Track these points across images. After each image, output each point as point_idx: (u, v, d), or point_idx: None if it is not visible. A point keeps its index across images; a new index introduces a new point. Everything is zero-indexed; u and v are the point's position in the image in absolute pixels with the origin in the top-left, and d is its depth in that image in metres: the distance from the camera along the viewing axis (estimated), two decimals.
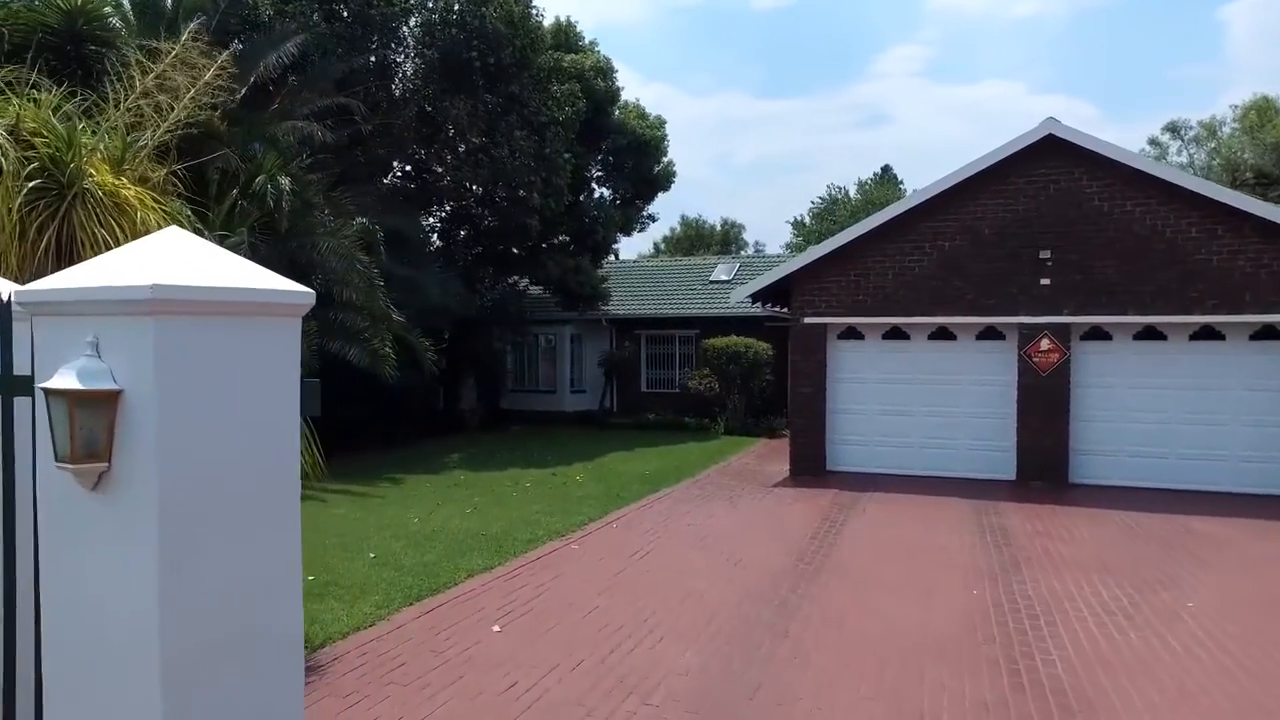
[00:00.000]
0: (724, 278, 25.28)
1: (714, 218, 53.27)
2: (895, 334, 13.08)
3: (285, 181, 12.50)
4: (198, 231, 6.01)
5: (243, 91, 14.38)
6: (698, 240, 47.75)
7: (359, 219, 14.07)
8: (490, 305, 20.20)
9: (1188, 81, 68.29)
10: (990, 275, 12.14)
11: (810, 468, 13.34)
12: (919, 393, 12.97)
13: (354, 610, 6.53)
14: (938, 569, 7.87)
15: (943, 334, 12.80)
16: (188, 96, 5.54)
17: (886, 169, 56.19)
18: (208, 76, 5.74)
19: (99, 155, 4.77)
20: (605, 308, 23.30)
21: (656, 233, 57.58)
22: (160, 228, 4.95)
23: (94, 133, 5.03)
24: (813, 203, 55.55)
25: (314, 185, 13.53)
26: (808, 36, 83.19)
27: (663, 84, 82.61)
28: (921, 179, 57.60)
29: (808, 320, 13.30)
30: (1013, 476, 12.20)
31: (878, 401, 13.24)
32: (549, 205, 18.29)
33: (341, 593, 6.98)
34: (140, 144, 5.31)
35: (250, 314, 2.52)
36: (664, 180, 22.88)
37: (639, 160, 21.71)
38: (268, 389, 2.53)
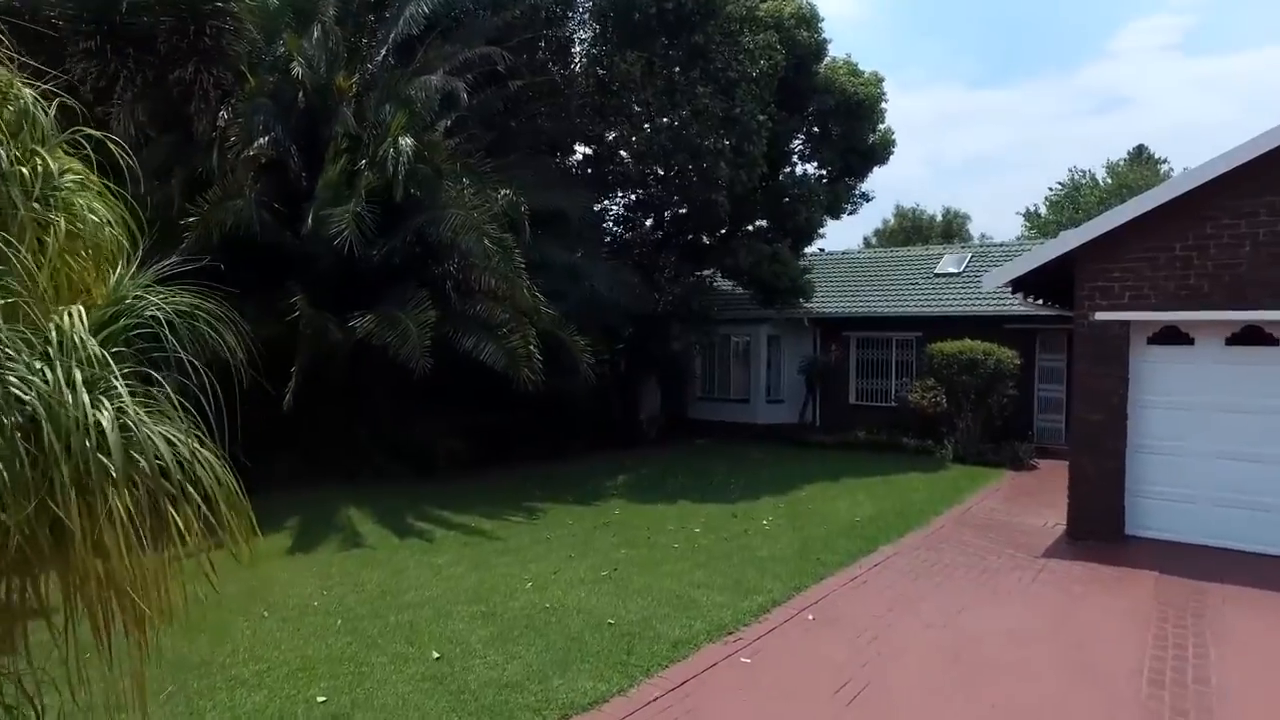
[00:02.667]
0: (952, 270, 20.91)
1: (933, 207, 47.55)
2: (1249, 336, 8.68)
3: (407, 143, 10.30)
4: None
5: (382, 53, 12.54)
6: (915, 233, 42.53)
7: (504, 191, 11.69)
8: (673, 301, 17.36)
9: None
10: None
11: (1099, 528, 9.23)
12: None
13: None
14: None
15: None
16: None
17: (1141, 149, 47.81)
18: None
19: None
20: (807, 305, 19.80)
21: (866, 225, 52.56)
22: None
23: None
24: (1051, 189, 48.35)
25: (445, 150, 11.28)
26: (1029, 20, 74.00)
27: None
28: (1181, 163, 48.24)
29: (1100, 317, 9.20)
30: None
31: (1211, 439, 8.89)
32: (740, 178, 15.14)
33: None
34: None
35: None
36: (880, 151, 18.96)
37: (850, 126, 17.97)
38: None
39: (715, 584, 7.36)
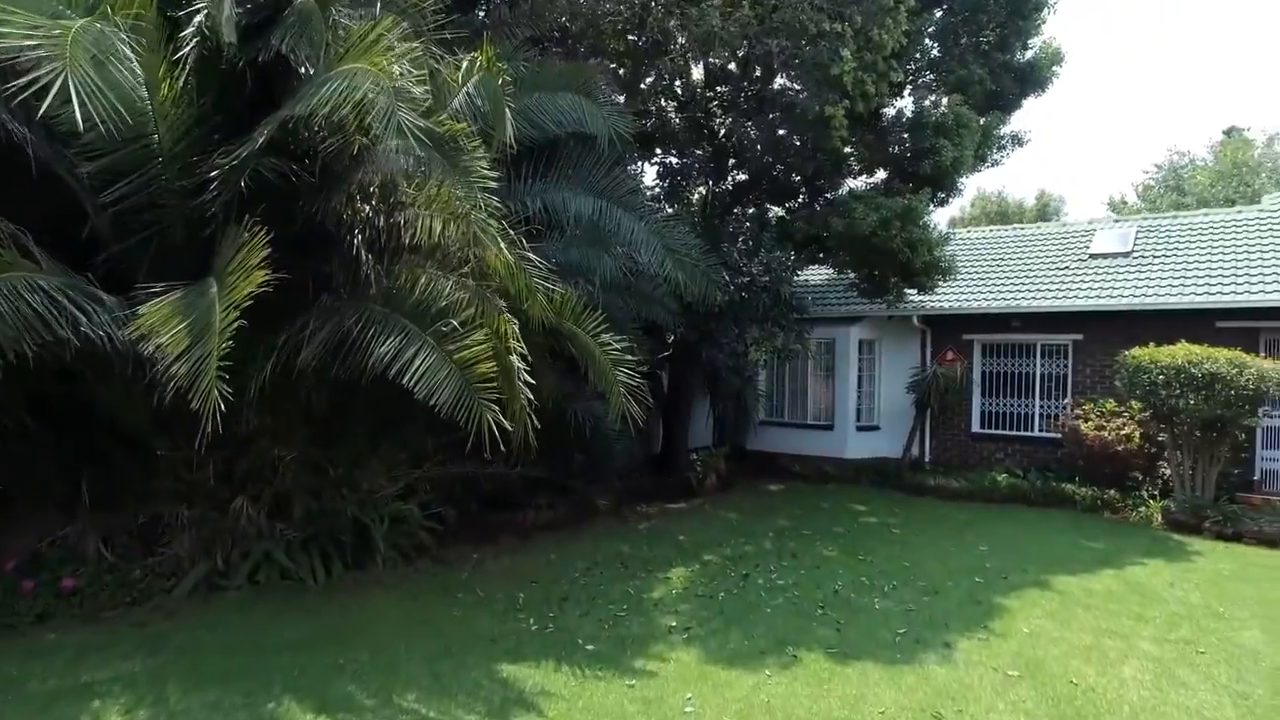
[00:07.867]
0: (1115, 249, 15.04)
1: (1020, 194, 41.10)
2: None
3: None
4: None
5: None
6: (1000, 223, 36.29)
7: (472, 56, 6.08)
8: (750, 285, 11.63)
9: None
10: None
11: None
12: None
13: None
14: None
15: None
16: None
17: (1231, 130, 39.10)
18: None
19: None
20: (918, 297, 14.04)
21: (944, 213, 45.78)
22: None
23: None
24: (1145, 172, 41.80)
25: None
26: None
27: None
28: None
29: None
30: None
31: None
32: (863, 84, 9.42)
33: None
34: None
35: None
36: (1039, 72, 13.06)
37: (1002, 32, 12.16)
38: None
39: None
